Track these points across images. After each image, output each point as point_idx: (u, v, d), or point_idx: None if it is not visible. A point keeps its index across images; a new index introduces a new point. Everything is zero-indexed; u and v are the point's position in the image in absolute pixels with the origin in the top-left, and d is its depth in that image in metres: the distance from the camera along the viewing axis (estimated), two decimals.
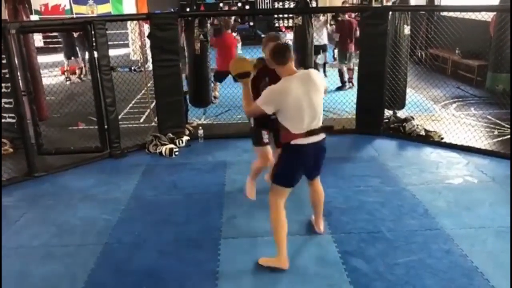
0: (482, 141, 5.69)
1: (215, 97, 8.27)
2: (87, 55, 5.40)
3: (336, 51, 10.41)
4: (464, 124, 6.28)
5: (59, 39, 11.08)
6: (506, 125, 6.27)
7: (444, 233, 3.77)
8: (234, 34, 14.71)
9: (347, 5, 13.62)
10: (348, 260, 3.44)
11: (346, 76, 9.10)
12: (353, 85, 8.69)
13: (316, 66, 8.47)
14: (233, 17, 10.75)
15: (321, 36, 9.39)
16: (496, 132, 6.14)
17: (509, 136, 5.84)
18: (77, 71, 10.87)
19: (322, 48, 9.51)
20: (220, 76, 8.14)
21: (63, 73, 11.04)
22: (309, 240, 3.74)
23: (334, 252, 3.55)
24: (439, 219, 3.99)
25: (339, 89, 9.05)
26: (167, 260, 3.52)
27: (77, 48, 10.48)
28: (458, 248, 3.55)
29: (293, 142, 3.21)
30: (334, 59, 11.11)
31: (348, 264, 3.39)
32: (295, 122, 3.18)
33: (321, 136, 3.30)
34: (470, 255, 3.45)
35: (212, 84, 8.24)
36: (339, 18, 9.40)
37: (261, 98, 3.22)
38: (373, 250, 3.57)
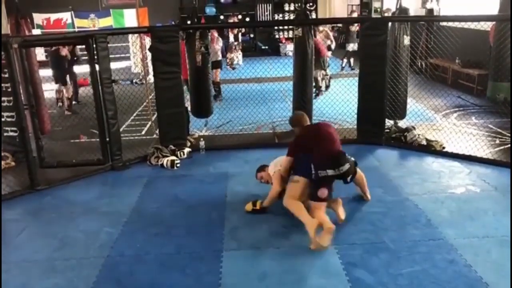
0: (484, 150, 5.69)
1: None
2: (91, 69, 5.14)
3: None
4: (465, 133, 6.27)
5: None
6: (508, 134, 6.25)
7: (447, 243, 3.75)
8: (236, 43, 14.89)
9: (353, 15, 14.13)
10: (352, 271, 3.42)
11: (323, 84, 9.62)
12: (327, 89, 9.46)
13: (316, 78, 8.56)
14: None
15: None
16: (497, 141, 6.13)
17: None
18: (66, 102, 8.94)
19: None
20: None
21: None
22: (312, 251, 3.71)
23: (337, 263, 3.53)
24: (442, 229, 3.97)
25: (316, 95, 9.37)
26: (169, 273, 3.50)
27: (68, 75, 9.07)
28: (462, 258, 3.53)
29: None
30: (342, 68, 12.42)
31: (351, 275, 3.37)
32: None
33: None
34: (474, 265, 3.42)
35: None
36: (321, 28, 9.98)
37: None
38: (376, 260, 3.55)
